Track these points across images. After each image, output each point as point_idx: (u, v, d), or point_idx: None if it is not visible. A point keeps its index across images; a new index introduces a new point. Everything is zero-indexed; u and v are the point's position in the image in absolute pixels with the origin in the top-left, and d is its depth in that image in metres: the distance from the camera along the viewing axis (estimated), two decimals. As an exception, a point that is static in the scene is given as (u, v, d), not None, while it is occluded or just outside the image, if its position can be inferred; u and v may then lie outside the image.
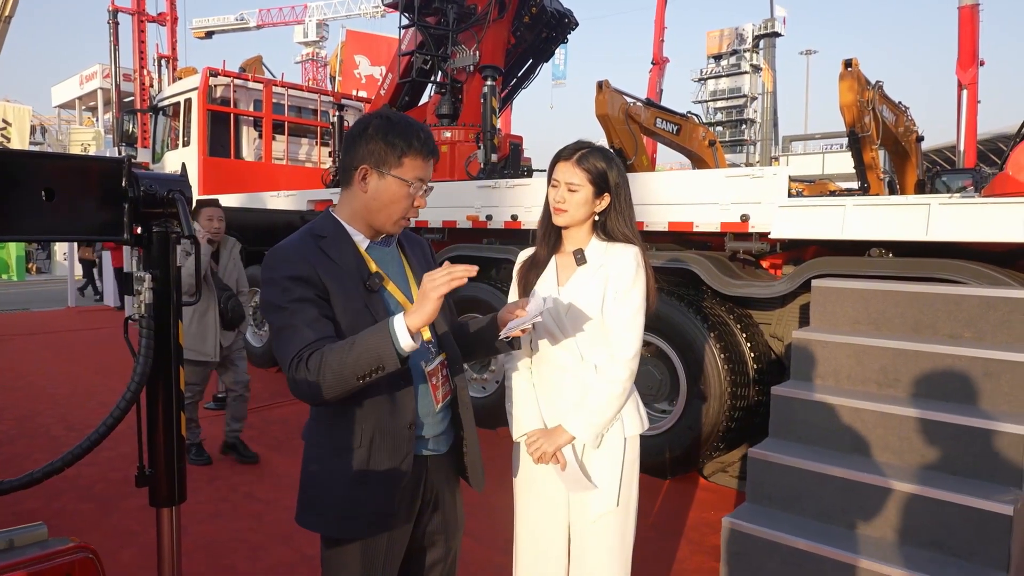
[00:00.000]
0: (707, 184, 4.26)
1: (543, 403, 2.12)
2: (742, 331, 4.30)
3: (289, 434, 5.21)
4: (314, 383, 1.51)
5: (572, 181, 2.00)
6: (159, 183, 1.97)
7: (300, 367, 1.52)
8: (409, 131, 1.68)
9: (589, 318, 2.00)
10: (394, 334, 1.48)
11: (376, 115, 1.74)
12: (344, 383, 1.50)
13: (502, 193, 5.28)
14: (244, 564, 3.26)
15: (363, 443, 1.65)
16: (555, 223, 2.07)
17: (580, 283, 2.04)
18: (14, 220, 1.78)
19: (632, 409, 2.09)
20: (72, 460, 1.88)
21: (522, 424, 2.13)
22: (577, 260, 2.06)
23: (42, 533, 0.94)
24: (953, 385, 2.84)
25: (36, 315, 12.03)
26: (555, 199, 2.04)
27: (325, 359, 1.50)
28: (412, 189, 1.68)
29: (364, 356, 1.48)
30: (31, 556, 0.89)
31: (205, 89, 9.09)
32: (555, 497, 2.12)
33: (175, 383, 1.98)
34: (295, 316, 1.58)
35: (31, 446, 4.85)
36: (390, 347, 1.47)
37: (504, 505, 3.58)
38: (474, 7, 7.93)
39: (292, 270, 1.61)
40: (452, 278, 1.48)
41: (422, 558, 1.88)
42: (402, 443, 1.68)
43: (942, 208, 3.31)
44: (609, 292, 2.01)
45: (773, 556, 2.75)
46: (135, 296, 1.91)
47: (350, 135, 1.73)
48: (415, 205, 1.72)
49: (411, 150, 1.67)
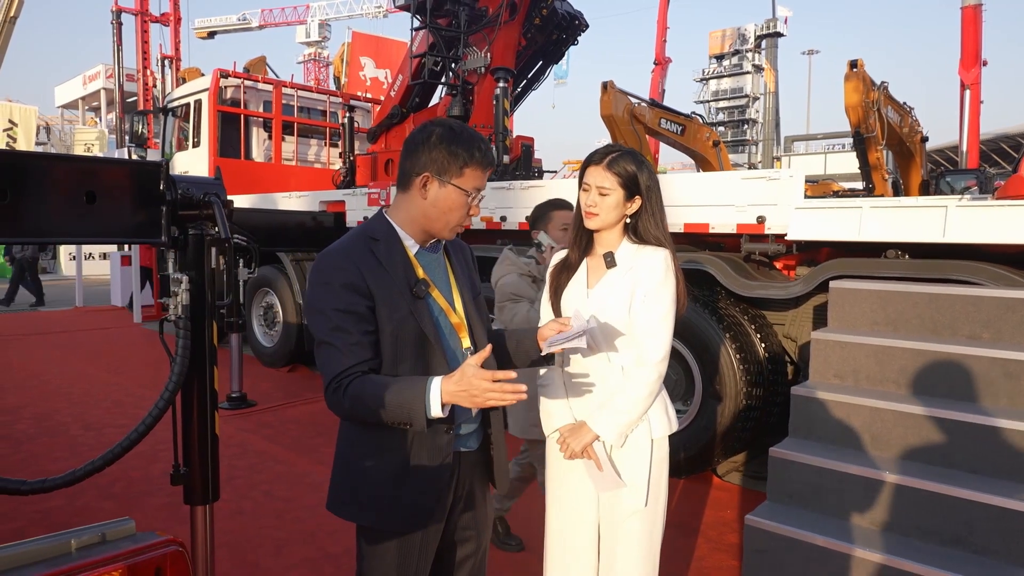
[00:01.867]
0: (723, 186, 4.30)
1: (571, 403, 2.15)
2: (756, 332, 4.34)
3: (304, 433, 5.25)
4: (344, 411, 1.64)
5: (603, 185, 2.02)
6: (195, 186, 2.01)
7: (338, 392, 1.62)
8: (471, 142, 1.72)
9: (616, 320, 2.03)
10: (428, 402, 1.56)
11: (439, 123, 1.76)
12: (374, 417, 1.61)
13: (516, 194, 5.32)
14: (268, 561, 3.29)
15: (404, 445, 1.70)
16: (587, 226, 2.09)
17: (609, 285, 2.06)
18: (58, 223, 1.83)
19: (660, 411, 2.11)
20: (113, 459, 1.92)
21: (553, 420, 2.16)
22: (607, 263, 2.08)
23: (130, 527, 0.98)
24: (973, 385, 2.88)
25: (45, 315, 12.06)
26: (586, 203, 2.06)
27: (362, 397, 1.60)
28: (470, 199, 1.72)
29: (397, 411, 1.58)
30: (127, 550, 0.92)
31: (216, 90, 9.13)
32: (585, 495, 2.14)
33: (210, 383, 2.02)
34: (337, 333, 1.64)
35: (51, 444, 4.89)
36: (421, 412, 1.56)
37: (522, 504, 3.63)
38: (485, 9, 7.97)
39: (344, 276, 1.65)
40: (497, 399, 1.54)
41: (454, 553, 1.91)
42: (442, 443, 1.72)
43: (959, 210, 3.35)
44: (638, 294, 2.03)
45: (795, 553, 2.79)
46: (172, 297, 1.96)
47: (412, 141, 1.75)
48: (470, 214, 1.76)
49: (473, 161, 1.70)
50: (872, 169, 9.37)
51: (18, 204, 1.68)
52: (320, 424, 5.44)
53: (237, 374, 6.03)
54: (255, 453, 4.79)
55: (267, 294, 7.67)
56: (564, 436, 2.08)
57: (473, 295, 1.90)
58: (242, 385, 6.08)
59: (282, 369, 7.45)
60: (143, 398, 6.19)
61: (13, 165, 1.69)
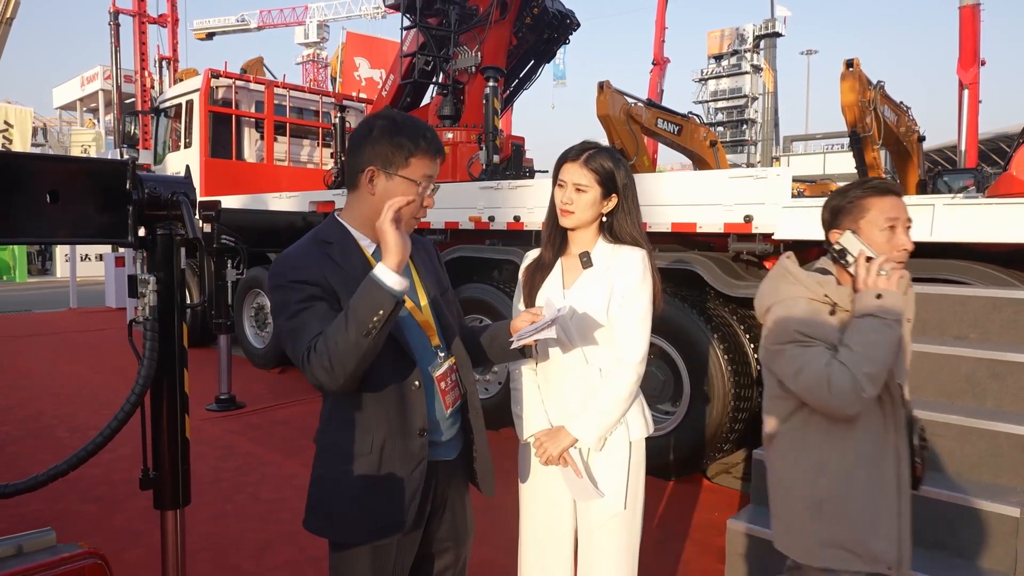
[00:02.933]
0: (710, 185, 4.26)
1: (548, 406, 2.11)
2: (745, 332, 4.30)
3: (292, 435, 5.22)
4: (325, 362, 1.49)
5: (580, 182, 1.98)
6: (163, 185, 1.97)
7: (311, 354, 1.51)
8: (415, 131, 1.67)
9: (594, 321, 1.99)
10: (377, 278, 1.46)
11: (380, 116, 1.72)
12: (354, 347, 1.46)
13: (505, 194, 5.29)
14: (250, 564, 3.26)
15: (374, 449, 1.64)
16: (562, 224, 2.05)
17: (586, 286, 2.02)
18: (18, 222, 1.78)
19: (637, 413, 2.08)
20: (77, 463, 1.89)
21: (530, 425, 2.12)
22: (583, 263, 2.04)
23: (50, 539, 0.94)
24: (959, 386, 2.85)
25: (39, 316, 12.04)
26: (562, 200, 2.02)
27: (327, 333, 1.49)
28: (421, 189, 1.67)
29: (360, 310, 1.46)
30: (40, 563, 0.89)
31: (207, 91, 9.10)
32: (561, 500, 2.11)
33: (179, 386, 1.98)
34: (305, 313, 1.57)
35: (35, 446, 4.85)
36: (379, 288, 1.45)
37: (509, 505, 3.57)
38: (476, 8, 7.94)
39: (302, 275, 1.61)
40: (396, 210, 1.50)
41: (431, 564, 1.87)
42: (414, 450, 1.67)
43: (947, 209, 3.32)
44: (616, 295, 1.99)
45: (776, 557, 2.75)
46: (139, 299, 1.92)
47: (355, 138, 1.71)
48: (424, 205, 1.70)
49: (418, 149, 1.65)
50: (869, 168, 9.36)
51: (-27, 203, 1.65)
52: (309, 426, 5.38)
53: (226, 376, 5.98)
54: (242, 455, 4.75)
55: (258, 295, 7.63)
56: (541, 441, 2.03)
57: (441, 291, 1.85)
58: (231, 387, 6.04)
59: (273, 371, 7.42)
60: (132, 400, 6.16)
61: (-34, 164, 1.65)
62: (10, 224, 1.78)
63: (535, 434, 2.08)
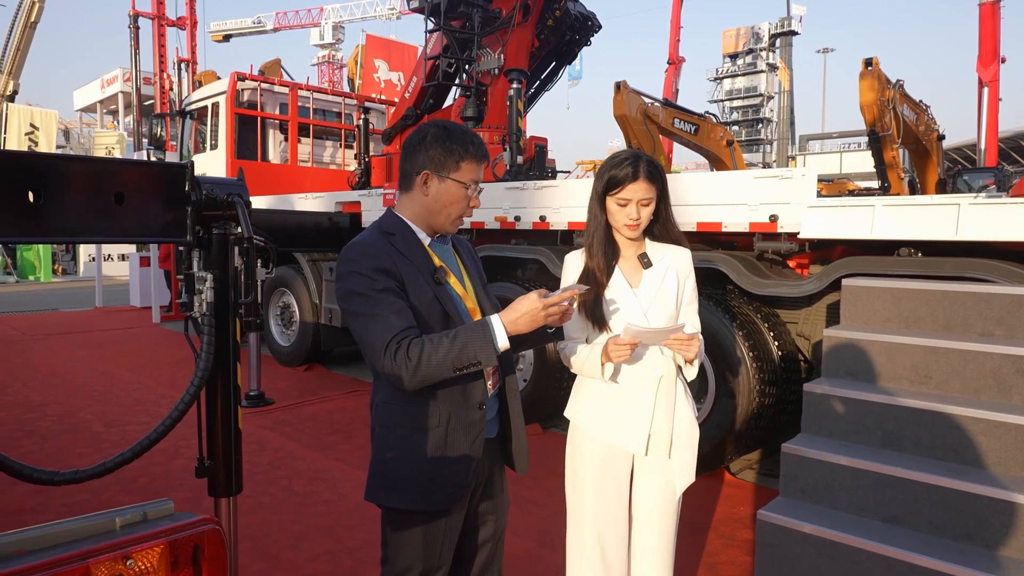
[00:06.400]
0: (736, 185, 4.32)
1: (624, 401, 2.15)
2: (769, 330, 4.36)
3: (321, 431, 5.33)
4: (411, 369, 1.65)
5: (646, 197, 2.08)
6: (219, 187, 2.08)
7: (399, 354, 1.66)
8: (465, 138, 1.86)
9: (670, 313, 2.13)
10: (493, 334, 1.66)
11: (433, 124, 1.89)
12: (440, 374, 1.66)
13: (531, 195, 5.37)
14: (289, 554, 3.36)
15: (441, 423, 1.79)
16: (629, 238, 2.15)
17: (654, 283, 2.14)
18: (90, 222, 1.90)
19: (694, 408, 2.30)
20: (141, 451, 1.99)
21: (587, 352, 2.12)
22: (644, 264, 2.16)
23: (169, 508, 1.04)
24: (985, 382, 2.89)
25: (66, 315, 12.26)
26: (630, 217, 2.08)
27: (426, 350, 1.65)
28: (469, 191, 1.86)
29: (465, 351, 1.65)
30: (167, 527, 0.98)
31: (233, 93, 9.25)
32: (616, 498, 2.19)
33: (233, 379, 2.08)
34: (381, 305, 1.71)
35: (75, 440, 5.00)
36: (489, 346, 1.66)
37: (537, 499, 3.68)
38: (499, 11, 8.02)
39: (375, 262, 1.75)
40: (553, 314, 1.71)
41: (475, 537, 2.00)
42: (475, 422, 1.83)
43: (972, 208, 3.36)
44: (685, 292, 2.18)
45: (807, 548, 2.82)
46: (196, 295, 2.02)
47: (409, 144, 1.88)
48: (471, 205, 1.89)
49: (467, 155, 1.84)
50: (888, 168, 9.34)
51: (49, 205, 1.75)
52: (337, 422, 5.51)
53: (255, 373, 6.12)
54: (273, 450, 4.87)
55: (284, 294, 7.77)
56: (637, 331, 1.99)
57: (482, 284, 2.03)
58: (260, 383, 6.18)
59: (298, 368, 7.55)
60: (163, 396, 6.30)
61: (45, 167, 1.76)
62: (84, 224, 1.89)
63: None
